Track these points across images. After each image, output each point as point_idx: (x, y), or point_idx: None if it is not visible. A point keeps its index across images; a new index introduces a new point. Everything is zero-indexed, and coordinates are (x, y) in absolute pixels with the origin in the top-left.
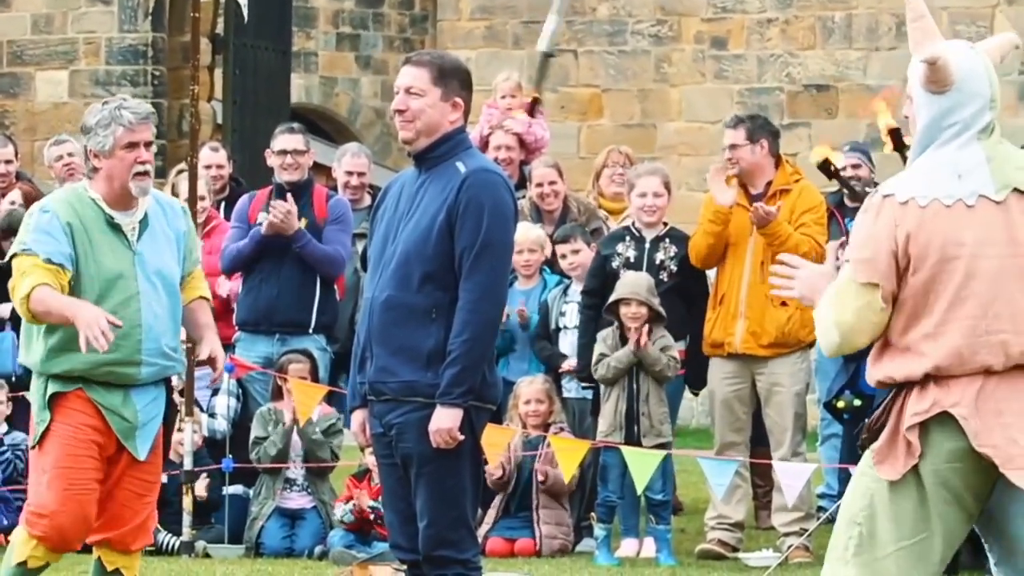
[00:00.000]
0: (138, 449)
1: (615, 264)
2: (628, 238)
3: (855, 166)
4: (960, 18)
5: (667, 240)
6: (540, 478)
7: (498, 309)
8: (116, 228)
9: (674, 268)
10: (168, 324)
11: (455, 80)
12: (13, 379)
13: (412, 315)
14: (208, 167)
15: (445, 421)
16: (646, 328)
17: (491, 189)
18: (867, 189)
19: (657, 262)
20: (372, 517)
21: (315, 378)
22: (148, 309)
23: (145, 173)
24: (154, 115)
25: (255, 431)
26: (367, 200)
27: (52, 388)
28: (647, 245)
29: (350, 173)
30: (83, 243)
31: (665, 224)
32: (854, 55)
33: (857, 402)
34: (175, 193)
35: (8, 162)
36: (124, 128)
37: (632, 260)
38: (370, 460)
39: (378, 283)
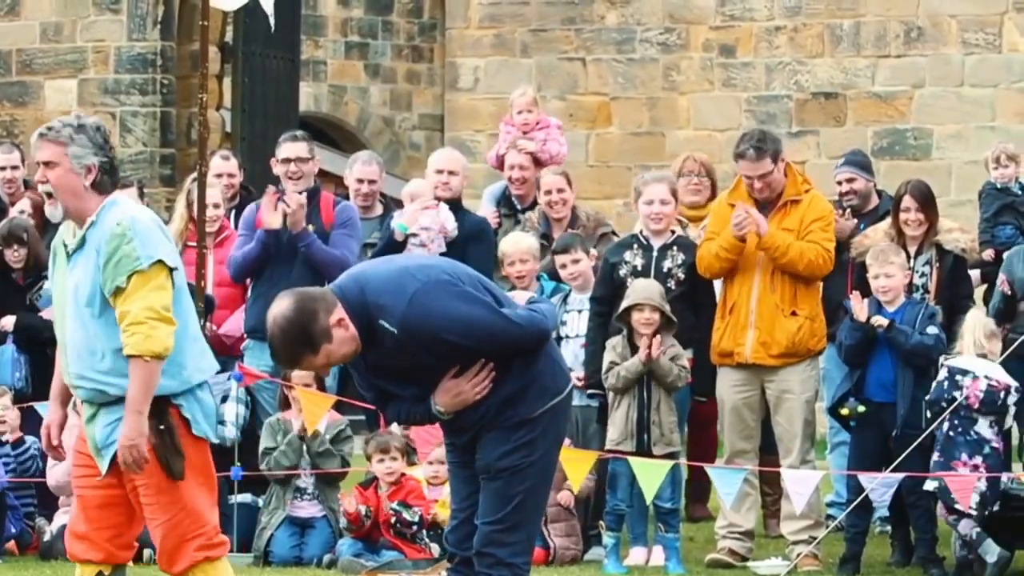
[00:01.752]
0: (101, 466)
1: (623, 272)
2: (636, 246)
3: (849, 180)
4: (969, 25)
5: (675, 248)
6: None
7: (530, 340)
8: (64, 248)
9: (681, 276)
10: (92, 346)
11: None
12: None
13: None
14: (219, 175)
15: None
16: (656, 339)
17: (423, 318)
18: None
19: (665, 270)
20: (393, 520)
21: (320, 386)
22: (72, 332)
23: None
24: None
25: (264, 441)
26: (378, 208)
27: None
28: (655, 253)
29: (360, 181)
30: (53, 265)
31: (673, 232)
32: (862, 62)
33: (861, 408)
34: (189, 200)
35: (15, 168)
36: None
37: (640, 268)
38: (377, 468)
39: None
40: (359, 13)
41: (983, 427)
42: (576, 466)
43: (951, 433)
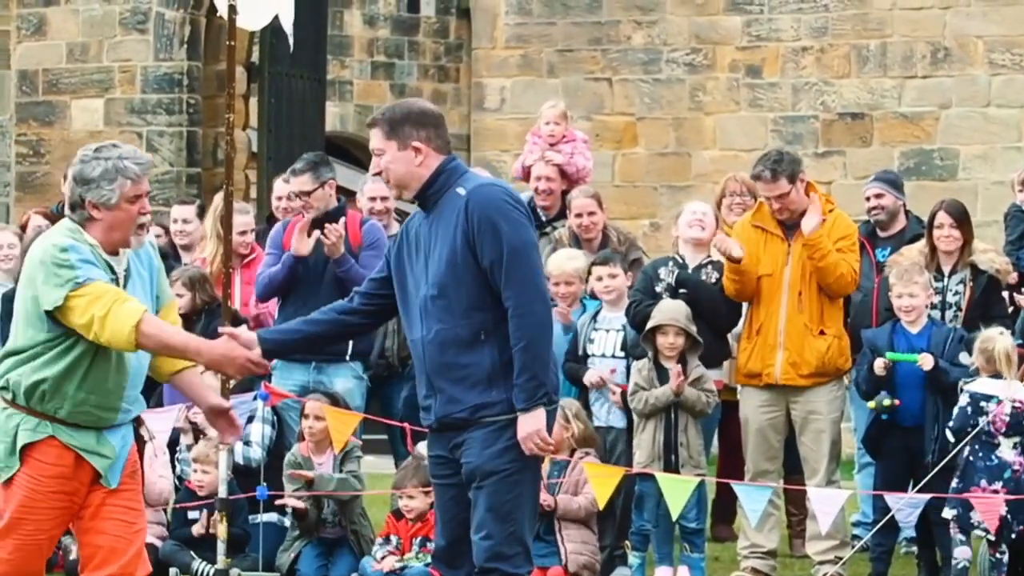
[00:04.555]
0: (111, 480)
1: (658, 288)
2: (671, 263)
3: (877, 195)
4: (995, 46)
5: (709, 267)
6: (548, 505)
7: (545, 305)
8: (113, 275)
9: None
10: (144, 370)
11: (406, 126)
12: None
13: (463, 343)
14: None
15: (531, 424)
16: (682, 377)
17: (495, 201)
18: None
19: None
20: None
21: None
22: (135, 356)
23: (143, 225)
24: (151, 162)
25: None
26: (395, 227)
27: (23, 438)
28: (689, 271)
29: (372, 198)
30: None
31: (709, 255)
32: (889, 83)
33: (886, 402)
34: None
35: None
36: (131, 182)
37: (674, 284)
38: (401, 504)
39: (423, 323)
40: (385, 33)
41: (1006, 450)
42: (602, 482)
43: (971, 459)
